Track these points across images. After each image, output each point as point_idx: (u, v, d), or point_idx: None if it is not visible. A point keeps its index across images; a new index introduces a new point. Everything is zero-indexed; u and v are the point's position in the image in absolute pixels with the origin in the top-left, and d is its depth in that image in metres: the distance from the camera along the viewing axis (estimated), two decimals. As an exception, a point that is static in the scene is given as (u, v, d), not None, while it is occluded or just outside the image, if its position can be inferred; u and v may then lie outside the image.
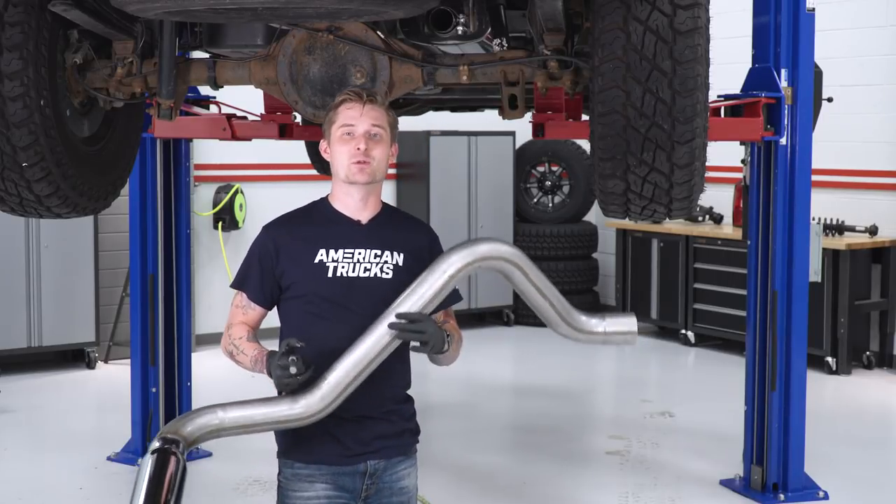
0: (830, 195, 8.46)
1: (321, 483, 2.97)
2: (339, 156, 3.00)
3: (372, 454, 2.98)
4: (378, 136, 2.99)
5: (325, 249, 2.97)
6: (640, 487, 5.58)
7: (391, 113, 3.06)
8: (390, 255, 3.00)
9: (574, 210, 10.36)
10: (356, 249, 2.98)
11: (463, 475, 5.85)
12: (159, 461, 2.75)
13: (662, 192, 3.51)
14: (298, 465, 2.99)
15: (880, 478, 5.89)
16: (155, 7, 3.08)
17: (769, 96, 5.18)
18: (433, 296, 2.90)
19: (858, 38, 8.52)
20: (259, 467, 5.66)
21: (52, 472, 5.88)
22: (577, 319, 3.06)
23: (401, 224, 3.11)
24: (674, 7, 3.28)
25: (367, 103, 2.99)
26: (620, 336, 3.08)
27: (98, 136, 4.19)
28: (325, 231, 3.00)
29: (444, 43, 3.78)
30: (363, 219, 3.03)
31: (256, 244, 3.06)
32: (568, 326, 3.06)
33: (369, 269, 2.97)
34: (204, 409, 2.92)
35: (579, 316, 3.07)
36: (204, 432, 2.89)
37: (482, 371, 8.20)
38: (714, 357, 8.94)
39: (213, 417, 2.89)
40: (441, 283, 2.91)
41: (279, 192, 9.19)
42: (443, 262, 2.93)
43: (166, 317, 5.98)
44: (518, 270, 2.99)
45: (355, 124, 2.98)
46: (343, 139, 2.99)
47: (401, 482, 3.04)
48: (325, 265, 2.96)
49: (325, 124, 3.06)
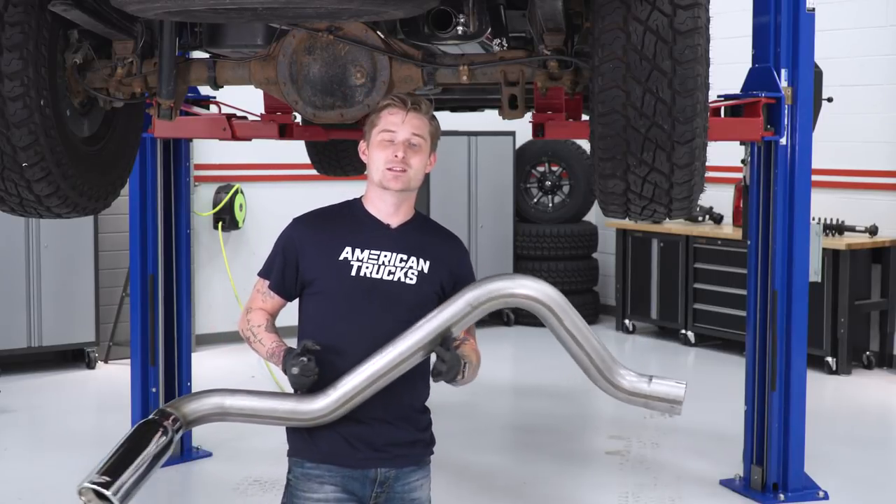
0: (830, 195, 8.46)
1: (330, 485, 2.96)
2: (376, 161, 3.00)
3: (383, 461, 2.97)
4: (417, 145, 2.99)
5: (350, 248, 2.98)
6: (640, 487, 5.58)
7: (434, 122, 3.07)
8: (416, 261, 3.00)
9: (574, 210, 10.36)
10: (382, 252, 2.98)
11: (463, 475, 5.85)
12: (144, 428, 2.76)
13: (662, 192, 3.51)
14: (309, 464, 2.98)
15: (880, 478, 5.89)
16: (155, 7, 3.08)
17: (769, 96, 5.18)
18: (459, 323, 2.87)
19: (858, 38, 8.52)
20: (259, 467, 5.65)
21: (52, 472, 5.88)
22: (617, 375, 2.89)
23: (431, 233, 3.10)
24: (674, 7, 3.28)
25: (411, 111, 2.99)
26: (664, 403, 2.87)
27: (98, 136, 4.18)
28: (353, 230, 3.01)
29: (444, 43, 3.78)
30: (393, 223, 3.03)
31: (284, 235, 3.07)
32: (605, 381, 2.91)
33: (393, 273, 2.97)
34: (211, 392, 2.94)
35: (622, 372, 2.90)
36: (205, 412, 2.90)
37: (482, 371, 8.14)
38: (714, 357, 8.95)
39: (218, 400, 2.90)
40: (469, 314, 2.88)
41: (279, 192, 9.20)
42: (478, 291, 2.89)
43: (166, 317, 5.99)
44: (553, 316, 2.88)
45: (396, 131, 2.98)
46: (382, 144, 2.99)
47: (413, 493, 3.03)
48: (349, 263, 2.96)
49: (367, 126, 3.06)
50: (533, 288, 2.90)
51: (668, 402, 2.86)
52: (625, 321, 9.86)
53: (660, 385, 2.87)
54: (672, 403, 2.86)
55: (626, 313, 9.86)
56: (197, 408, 2.89)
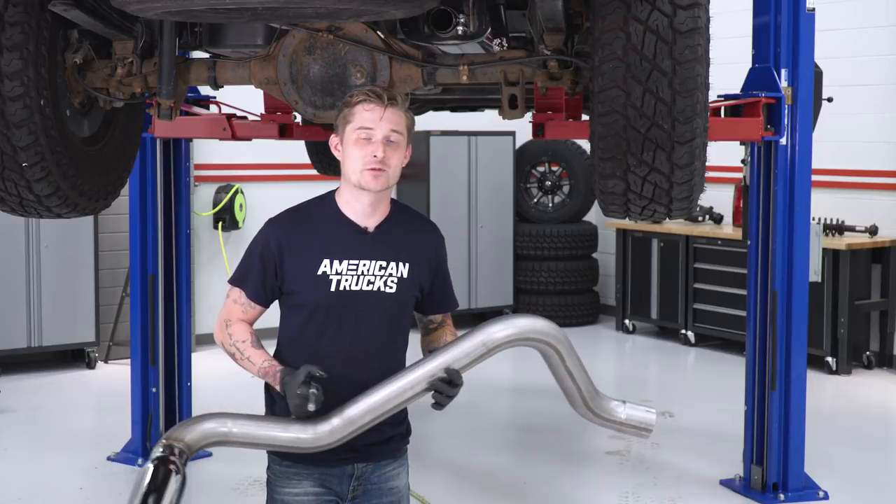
0: (830, 195, 8.46)
1: (308, 481, 2.96)
2: (352, 159, 2.87)
3: (359, 458, 2.96)
4: (396, 142, 2.87)
5: (328, 260, 2.89)
6: (640, 487, 5.58)
7: (409, 115, 2.95)
8: (395, 266, 2.93)
9: (574, 210, 10.36)
10: (361, 261, 2.90)
11: (463, 475, 5.85)
12: (160, 471, 2.72)
13: (662, 192, 3.51)
14: (286, 462, 2.97)
15: (880, 478, 5.89)
16: (155, 7, 3.08)
17: (769, 96, 5.18)
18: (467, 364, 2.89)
19: (858, 38, 8.52)
20: (259, 467, 5.61)
21: (52, 472, 5.87)
22: (599, 404, 3.06)
23: (407, 228, 3.01)
24: (674, 7, 3.28)
25: (389, 106, 2.86)
26: (635, 430, 3.07)
27: (98, 136, 4.19)
28: (329, 238, 2.91)
29: (444, 43, 3.77)
30: (370, 225, 2.94)
31: (258, 242, 2.96)
32: (586, 409, 3.05)
33: (373, 283, 2.90)
34: (212, 417, 2.90)
35: (603, 401, 3.07)
36: (209, 441, 2.88)
37: (482, 371, 8.14)
38: (714, 357, 8.94)
39: (221, 427, 2.87)
40: (479, 354, 2.90)
41: (279, 192, 9.18)
42: (486, 333, 2.90)
43: (166, 317, 5.98)
44: (557, 355, 2.98)
45: (374, 128, 2.85)
46: (359, 143, 2.86)
47: (390, 482, 3.03)
48: (328, 278, 2.88)
49: (339, 121, 2.92)
50: (543, 331, 2.95)
51: (638, 429, 3.07)
52: (625, 321, 9.86)
53: (635, 411, 3.07)
54: (642, 430, 3.07)
55: (626, 313, 9.85)
56: (200, 437, 2.85)
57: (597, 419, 3.06)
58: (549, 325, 2.96)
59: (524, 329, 2.92)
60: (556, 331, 2.96)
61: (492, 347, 2.90)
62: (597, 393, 3.05)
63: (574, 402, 3.04)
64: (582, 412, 3.06)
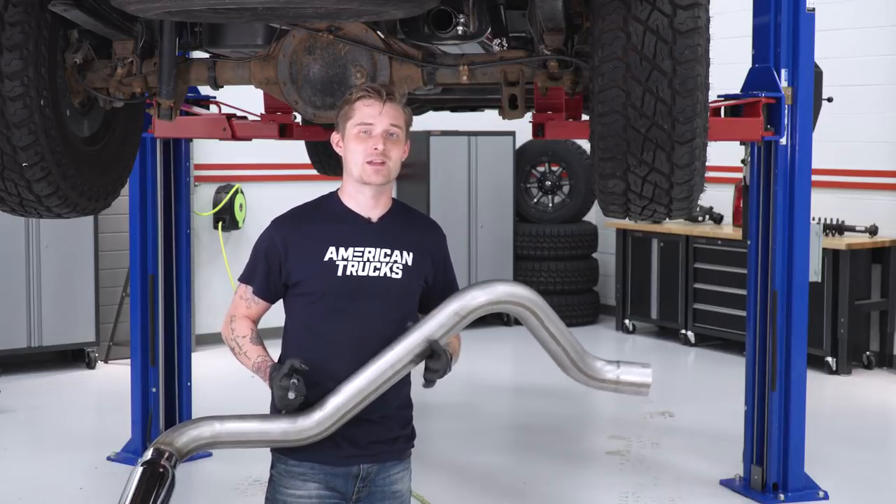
0: (830, 195, 8.46)
1: (313, 482, 2.96)
2: (354, 154, 2.94)
3: (365, 457, 2.97)
4: (395, 135, 2.94)
5: (334, 247, 2.94)
6: (640, 487, 5.58)
7: (407, 110, 3.01)
8: (400, 254, 2.97)
9: (574, 210, 10.36)
10: (366, 248, 2.95)
11: (463, 475, 5.85)
12: (148, 473, 2.74)
13: (662, 192, 3.51)
14: (292, 462, 2.97)
15: (880, 478, 5.89)
16: (155, 7, 3.08)
17: (769, 96, 5.19)
18: (444, 334, 2.87)
19: (858, 38, 8.52)
20: (259, 467, 5.63)
21: (52, 472, 5.88)
22: (589, 365, 3.02)
23: (411, 223, 3.07)
24: (674, 7, 3.28)
25: (387, 101, 2.93)
26: (633, 387, 3.03)
27: (98, 136, 4.19)
28: (334, 228, 2.97)
29: (444, 43, 3.78)
30: (373, 217, 2.99)
31: (264, 239, 3.02)
32: (578, 371, 3.01)
33: (379, 269, 2.95)
34: (201, 421, 2.92)
35: (593, 362, 3.03)
36: (198, 444, 2.88)
37: (482, 371, 8.20)
38: (714, 357, 8.95)
39: (209, 429, 2.88)
40: (457, 323, 2.88)
41: (279, 192, 9.18)
42: (460, 301, 2.89)
43: (166, 317, 5.98)
44: (534, 317, 2.94)
45: (374, 123, 2.92)
46: (360, 137, 2.92)
47: (394, 486, 3.04)
48: (334, 264, 2.93)
49: (340, 118, 2.99)
50: (516, 294, 2.92)
51: (636, 386, 3.03)
52: (625, 321, 9.86)
53: (629, 369, 3.04)
54: (640, 387, 3.03)
55: (626, 313, 9.86)
56: (189, 441, 2.86)
57: (592, 382, 3.03)
58: (524, 288, 2.95)
59: (500, 294, 2.91)
60: (531, 293, 2.94)
61: (467, 314, 2.88)
62: (587, 354, 3.02)
63: (564, 366, 3.02)
64: (574, 376, 3.03)
